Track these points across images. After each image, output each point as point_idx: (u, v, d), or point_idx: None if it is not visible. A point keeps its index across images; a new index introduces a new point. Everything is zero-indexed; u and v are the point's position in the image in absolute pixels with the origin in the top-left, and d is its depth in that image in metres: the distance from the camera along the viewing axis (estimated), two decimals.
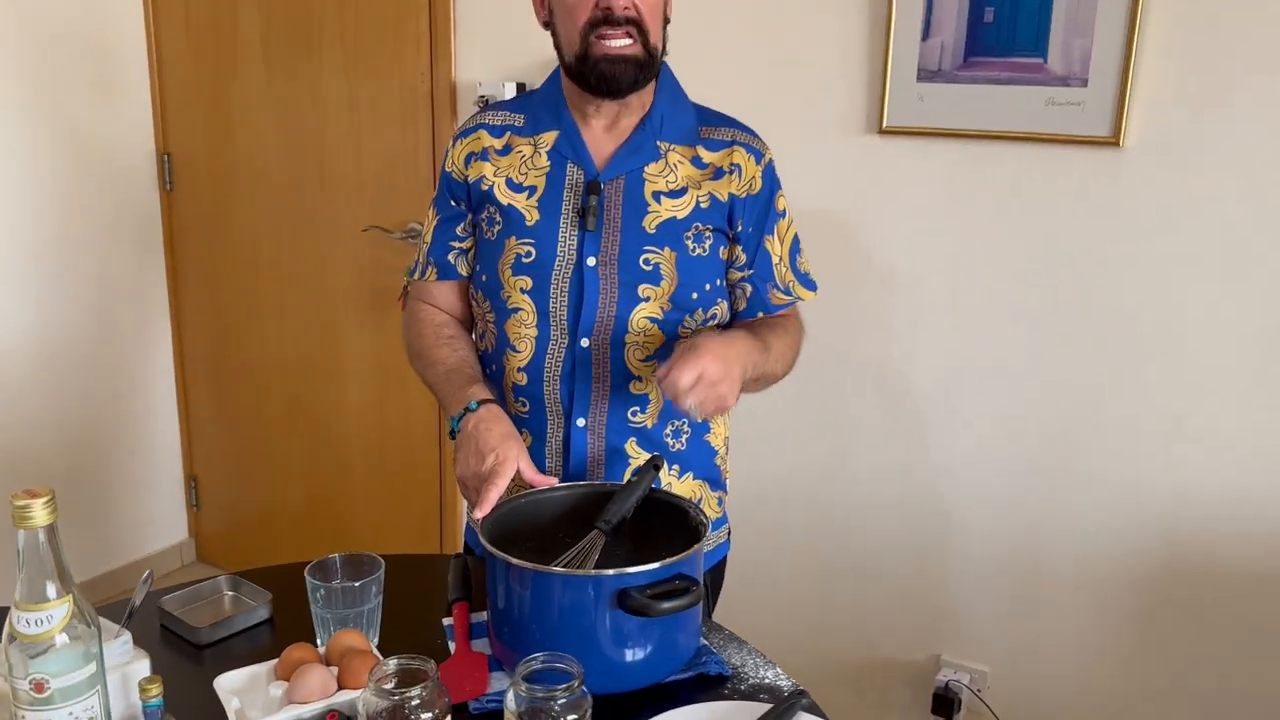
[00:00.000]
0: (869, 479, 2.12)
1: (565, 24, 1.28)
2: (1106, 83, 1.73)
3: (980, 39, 1.81)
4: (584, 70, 1.27)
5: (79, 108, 2.64)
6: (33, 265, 2.60)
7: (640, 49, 1.26)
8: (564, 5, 1.27)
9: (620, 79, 1.26)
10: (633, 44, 1.25)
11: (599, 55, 1.25)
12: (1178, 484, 1.85)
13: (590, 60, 1.26)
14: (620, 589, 1.04)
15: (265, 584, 1.28)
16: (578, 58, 1.27)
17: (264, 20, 2.58)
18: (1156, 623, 1.91)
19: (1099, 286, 1.85)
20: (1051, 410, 1.93)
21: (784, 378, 1.41)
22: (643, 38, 1.26)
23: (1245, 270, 1.74)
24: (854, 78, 1.96)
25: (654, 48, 1.28)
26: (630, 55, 1.25)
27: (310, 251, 2.68)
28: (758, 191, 1.36)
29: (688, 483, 1.42)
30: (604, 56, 1.25)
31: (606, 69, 1.26)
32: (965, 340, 1.98)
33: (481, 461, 1.24)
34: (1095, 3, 1.71)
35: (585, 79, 1.28)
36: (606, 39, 1.24)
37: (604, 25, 1.24)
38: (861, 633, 2.19)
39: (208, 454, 3.02)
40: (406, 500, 2.69)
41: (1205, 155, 1.72)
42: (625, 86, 1.28)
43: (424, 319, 1.47)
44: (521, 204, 1.35)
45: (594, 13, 1.24)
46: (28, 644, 0.83)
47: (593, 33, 1.25)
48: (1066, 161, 1.81)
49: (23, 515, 0.82)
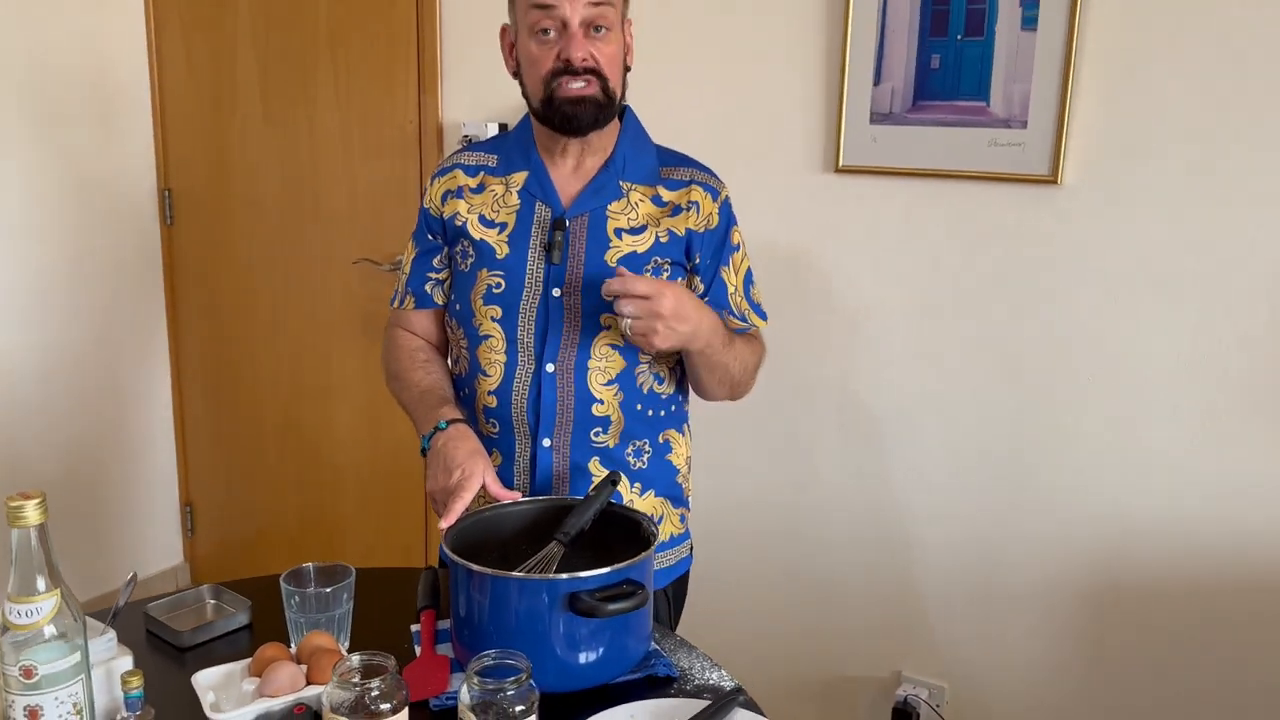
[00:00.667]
0: (830, 500, 2.19)
1: (530, 74, 1.38)
2: (1044, 125, 1.82)
3: (928, 84, 1.90)
4: (549, 113, 1.37)
5: (84, 145, 2.73)
6: (37, 297, 2.68)
7: (599, 91, 1.35)
8: (529, 57, 1.37)
9: (581, 118, 1.36)
10: (590, 86, 1.35)
11: (561, 98, 1.35)
12: (1119, 504, 1.92)
13: (554, 103, 1.36)
14: (571, 592, 1.12)
15: (246, 594, 1.36)
16: (542, 102, 1.37)
17: (261, 63, 2.70)
18: (1104, 638, 1.97)
19: (1041, 315, 1.93)
20: (1001, 434, 2.00)
21: (742, 384, 1.47)
22: (601, 83, 1.35)
23: (1175, 299, 1.82)
24: (812, 120, 2.05)
25: (612, 92, 1.37)
26: (589, 96, 1.35)
27: (304, 282, 2.78)
28: (714, 226, 1.45)
29: (649, 500, 1.50)
30: (566, 98, 1.35)
31: (568, 109, 1.35)
32: (919, 366, 2.05)
33: (449, 476, 1.32)
34: (1032, 51, 1.80)
35: (550, 120, 1.38)
36: (566, 83, 1.34)
37: (564, 75, 1.34)
38: (824, 649, 2.25)
39: (203, 480, 3.10)
40: (395, 519, 2.77)
41: (1136, 192, 1.81)
42: (586, 125, 1.37)
43: (401, 344, 1.56)
44: (493, 239, 1.44)
45: (555, 64, 1.34)
46: (18, 633, 0.92)
47: (554, 80, 1.35)
48: (1009, 198, 1.90)
49: (16, 515, 0.91)
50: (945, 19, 1.86)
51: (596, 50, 1.34)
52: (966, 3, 1.83)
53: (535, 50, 1.35)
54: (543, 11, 1.33)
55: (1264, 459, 1.79)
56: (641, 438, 1.48)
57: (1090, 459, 1.93)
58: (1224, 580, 1.85)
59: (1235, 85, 1.71)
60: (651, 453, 1.50)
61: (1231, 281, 1.77)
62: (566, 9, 1.31)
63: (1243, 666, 1.86)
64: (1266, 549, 1.81)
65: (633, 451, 1.48)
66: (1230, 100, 1.72)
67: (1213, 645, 1.88)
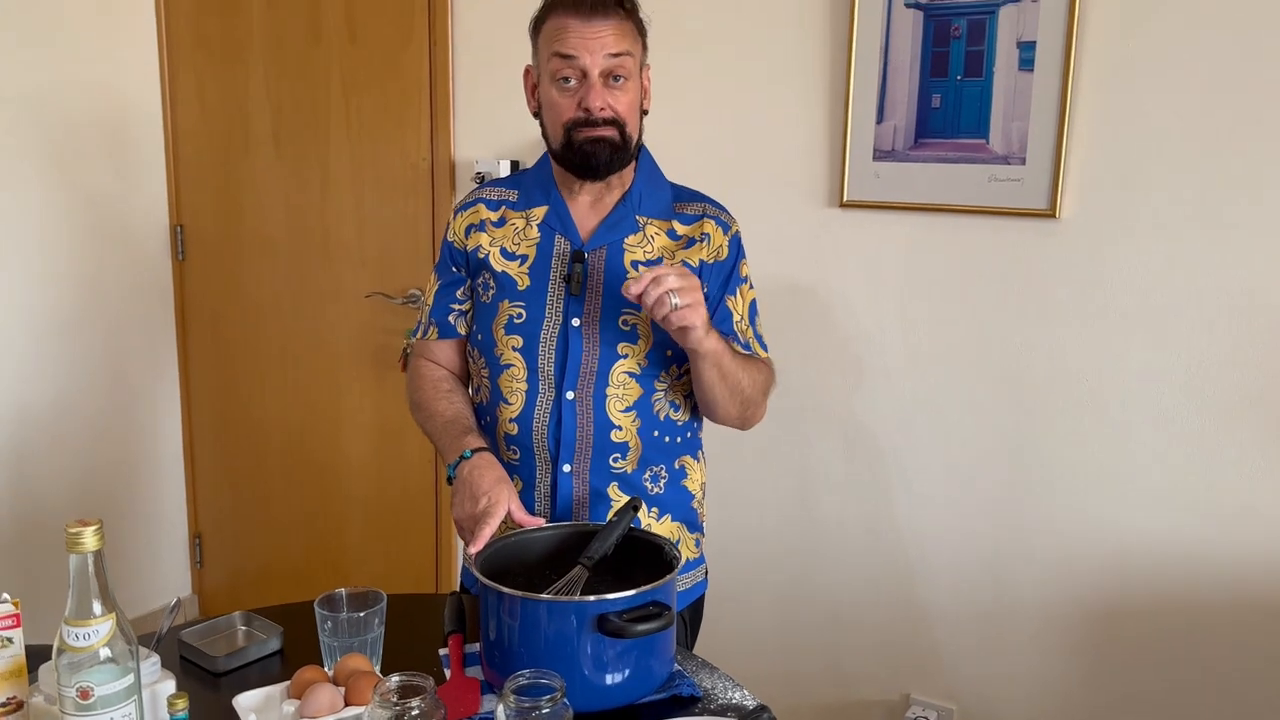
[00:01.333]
0: (837, 525, 2.23)
1: (551, 119, 1.44)
2: (1042, 161, 1.88)
3: (929, 122, 1.97)
4: (568, 155, 1.43)
5: (97, 182, 2.78)
6: (49, 330, 2.72)
7: (616, 135, 1.41)
8: (551, 103, 1.43)
9: (598, 160, 1.41)
10: (609, 130, 1.40)
11: (580, 140, 1.40)
12: (1119, 524, 1.96)
13: (573, 146, 1.41)
14: (600, 614, 1.15)
15: (274, 620, 1.39)
16: (562, 146, 1.43)
17: (274, 104, 2.76)
18: (1109, 657, 2.00)
19: (1041, 343, 1.98)
20: (1002, 458, 2.05)
21: (753, 403, 1.49)
22: (619, 129, 1.41)
23: (1168, 327, 1.87)
24: (817, 157, 2.12)
25: (629, 137, 1.43)
26: (607, 138, 1.40)
27: (314, 316, 2.82)
28: (724, 259, 1.50)
29: (666, 524, 1.54)
30: (585, 139, 1.40)
31: (588, 148, 1.40)
32: (922, 394, 2.10)
33: (475, 504, 1.36)
34: (1030, 91, 1.87)
35: (568, 162, 1.44)
36: (586, 131, 1.40)
37: (584, 125, 1.39)
38: (834, 672, 2.27)
39: (212, 512, 3.12)
40: (404, 550, 2.79)
41: (1131, 224, 1.87)
42: (602, 167, 1.42)
43: (425, 374, 1.60)
44: (514, 271, 1.49)
45: (576, 112, 1.40)
46: (75, 655, 0.95)
47: (574, 128, 1.40)
48: (1008, 232, 1.96)
49: (75, 541, 0.94)
50: (945, 60, 1.93)
51: (614, 99, 1.40)
52: (966, 45, 1.91)
53: (556, 97, 1.41)
54: (564, 61, 1.38)
55: (1255, 479, 1.84)
56: (658, 463, 1.52)
57: (1090, 481, 1.98)
58: (1222, 598, 1.89)
59: (1224, 121, 1.77)
60: (668, 478, 1.54)
61: (1222, 308, 1.83)
62: (587, 60, 1.37)
63: (1243, 683, 1.90)
64: (1261, 567, 1.85)
65: (650, 477, 1.52)
66: (1219, 136, 1.78)
67: (1214, 662, 1.92)
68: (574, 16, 1.37)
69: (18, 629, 1.07)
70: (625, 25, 1.40)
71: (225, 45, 2.79)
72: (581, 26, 1.37)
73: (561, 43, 1.38)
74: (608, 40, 1.37)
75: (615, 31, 1.38)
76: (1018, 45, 1.87)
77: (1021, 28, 1.86)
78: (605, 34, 1.37)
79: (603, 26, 1.37)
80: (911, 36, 1.95)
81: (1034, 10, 1.84)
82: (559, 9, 1.39)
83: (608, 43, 1.37)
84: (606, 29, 1.37)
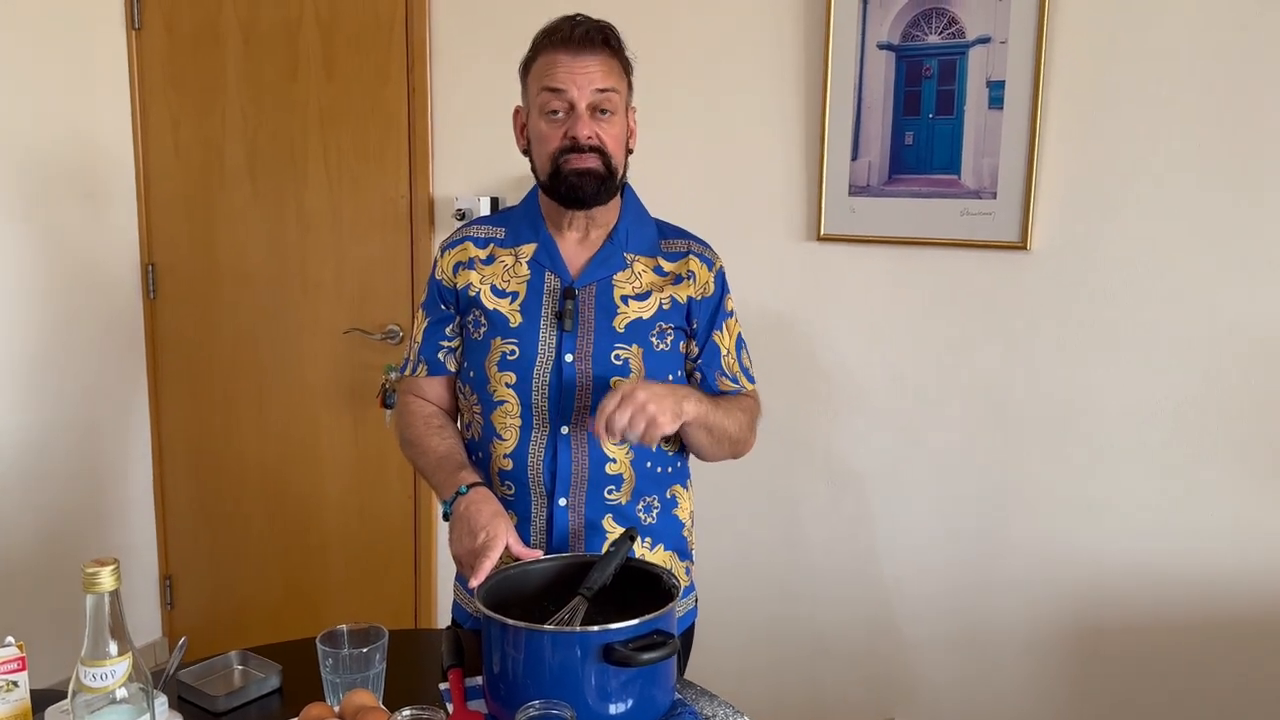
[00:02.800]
0: (820, 553, 2.26)
1: (539, 151, 1.48)
2: (1013, 196, 1.95)
3: (902, 159, 2.03)
4: (556, 185, 1.46)
5: (68, 222, 2.76)
6: (20, 370, 2.68)
7: (602, 166, 1.45)
8: (539, 135, 1.47)
9: (585, 189, 1.45)
10: (595, 161, 1.44)
11: (568, 170, 1.44)
12: (1094, 549, 2.01)
13: (561, 176, 1.45)
14: (605, 644, 1.17)
15: (269, 657, 1.38)
16: (549, 176, 1.47)
17: (250, 142, 2.76)
18: (1086, 679, 2.05)
19: (1015, 372, 2.04)
20: (982, 487, 2.09)
21: (741, 440, 1.54)
22: (604, 159, 1.45)
23: (1137, 355, 1.93)
24: (794, 192, 2.17)
25: (615, 168, 1.47)
26: (593, 169, 1.44)
27: (291, 353, 2.81)
28: (710, 294, 1.54)
29: (659, 554, 1.56)
30: (572, 171, 1.44)
31: (574, 180, 1.44)
32: (899, 423, 2.15)
33: (474, 539, 1.37)
34: (999, 129, 1.94)
35: (556, 191, 1.47)
36: (573, 160, 1.44)
37: (571, 152, 1.44)
38: (819, 697, 2.30)
39: (184, 553, 3.08)
40: (382, 587, 2.78)
41: (1099, 256, 1.94)
42: (589, 197, 1.46)
43: (415, 411, 1.61)
44: (505, 308, 1.51)
45: (563, 141, 1.44)
46: (91, 695, 0.95)
47: (562, 157, 1.44)
48: (980, 263, 2.02)
49: (92, 581, 0.95)
50: (918, 99, 2.00)
51: (601, 130, 1.44)
52: (937, 84, 1.98)
53: (545, 129, 1.45)
54: (553, 94, 1.43)
55: (1225, 503, 1.90)
56: (651, 494, 1.54)
57: (1065, 506, 2.03)
58: (1197, 619, 1.94)
59: (1189, 158, 1.85)
60: (660, 508, 1.56)
61: (1189, 338, 1.89)
62: (575, 93, 1.42)
63: (1219, 701, 1.95)
64: (1236, 589, 1.91)
65: (643, 507, 1.54)
66: (1184, 172, 1.86)
67: (1191, 681, 1.96)
68: (563, 52, 1.42)
69: (23, 672, 1.06)
70: (612, 63, 1.45)
71: (200, 83, 2.80)
72: (570, 61, 1.42)
73: (550, 77, 1.42)
74: (595, 75, 1.42)
75: (602, 68, 1.43)
76: (987, 84, 1.94)
77: (991, 68, 1.93)
78: (593, 69, 1.42)
79: (590, 62, 1.42)
80: (884, 77, 2.02)
81: (1002, 51, 1.92)
82: (548, 47, 1.44)
83: (595, 78, 1.42)
84: (594, 64, 1.42)
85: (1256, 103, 1.79)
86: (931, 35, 1.97)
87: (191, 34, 2.78)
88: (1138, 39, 1.86)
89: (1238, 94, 1.80)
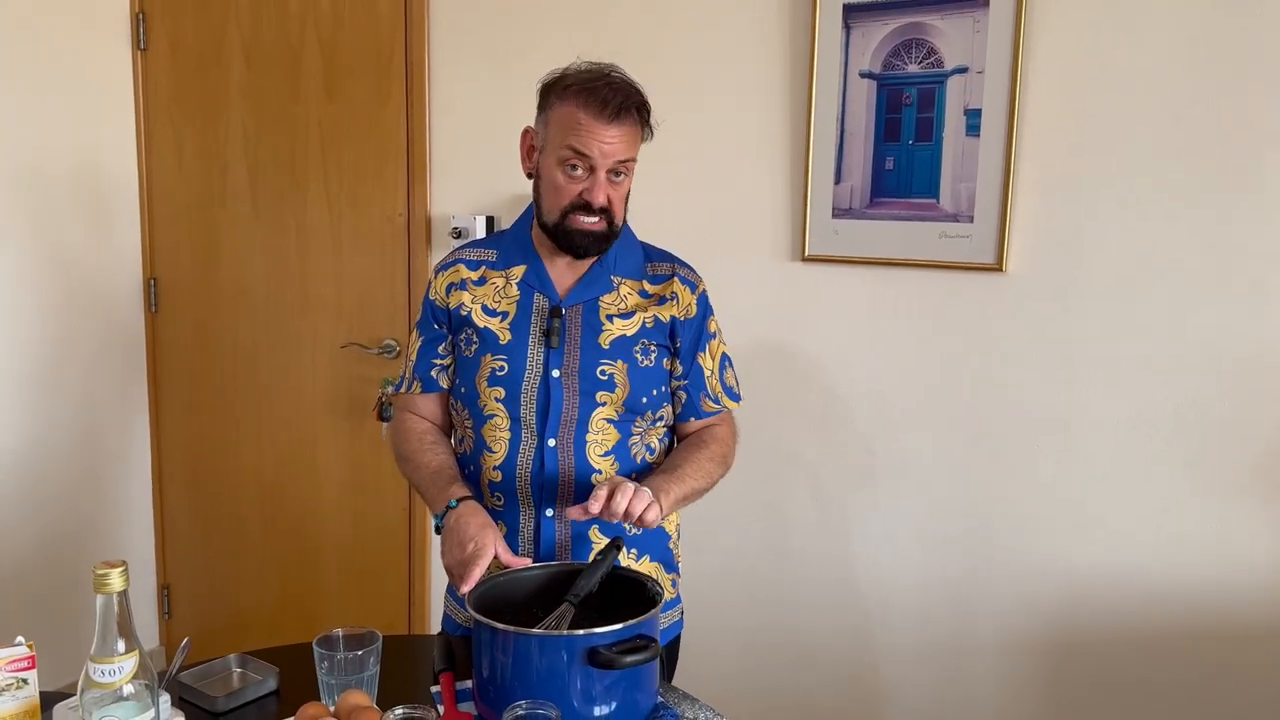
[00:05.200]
0: (805, 565, 2.30)
1: (549, 196, 1.51)
2: (989, 219, 2.00)
3: (883, 183, 2.09)
4: (557, 235, 1.51)
5: (72, 236, 2.81)
6: (23, 380, 2.73)
7: (605, 227, 1.50)
8: (552, 183, 1.50)
9: (586, 249, 1.51)
10: (600, 223, 1.50)
11: (573, 228, 1.49)
12: (1072, 563, 2.05)
13: (564, 230, 1.50)
14: (590, 647, 1.21)
15: (267, 661, 1.43)
16: (554, 225, 1.51)
17: (252, 160, 2.82)
18: (1064, 689, 2.09)
19: (993, 390, 2.08)
20: (964, 502, 2.14)
21: (718, 482, 1.60)
22: (609, 219, 1.50)
23: (1111, 375, 1.98)
24: (780, 215, 2.23)
25: (617, 227, 1.53)
26: (598, 231, 1.50)
27: (289, 366, 2.86)
28: (693, 316, 1.60)
29: (645, 565, 1.61)
30: (577, 230, 1.49)
31: (578, 240, 1.50)
32: (881, 438, 2.19)
33: (463, 550, 1.41)
34: (976, 155, 2.00)
35: (557, 239, 1.52)
36: (580, 218, 1.49)
37: (581, 211, 1.48)
38: (804, 707, 2.33)
39: (181, 563, 3.12)
40: (377, 597, 2.82)
41: (1073, 279, 1.99)
42: (586, 252, 1.52)
43: (409, 427, 1.66)
44: (496, 326, 1.57)
45: (576, 199, 1.48)
46: (99, 691, 1.00)
47: (571, 212, 1.49)
48: (959, 284, 2.08)
49: (102, 582, 1.00)
50: (898, 126, 2.07)
51: (613, 193, 1.49)
52: (916, 112, 2.04)
53: (561, 180, 1.49)
54: (576, 155, 1.46)
55: (1201, 518, 1.94)
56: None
57: (1043, 521, 2.07)
58: (1175, 631, 1.98)
59: (1160, 181, 1.91)
60: None
61: (1164, 356, 1.94)
62: (598, 160, 1.46)
63: (1197, 713, 1.99)
64: (1212, 602, 1.95)
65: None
66: (1156, 194, 1.91)
67: (1168, 692, 2.00)
68: (597, 120, 1.44)
69: (33, 670, 1.11)
70: (637, 130, 1.49)
71: (203, 102, 2.86)
72: (600, 130, 1.44)
73: (577, 138, 1.45)
74: (619, 147, 1.46)
75: (627, 138, 1.47)
76: (965, 112, 2.00)
77: (968, 96, 2.00)
78: (619, 141, 1.46)
79: (619, 133, 1.46)
80: (866, 104, 2.09)
81: (979, 80, 1.98)
82: (582, 105, 1.44)
83: (619, 149, 1.46)
84: (621, 136, 1.46)
85: (1229, 126, 1.85)
86: (911, 65, 2.04)
87: (196, 54, 2.85)
88: (1110, 69, 1.92)
89: (1209, 118, 1.86)
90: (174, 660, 1.25)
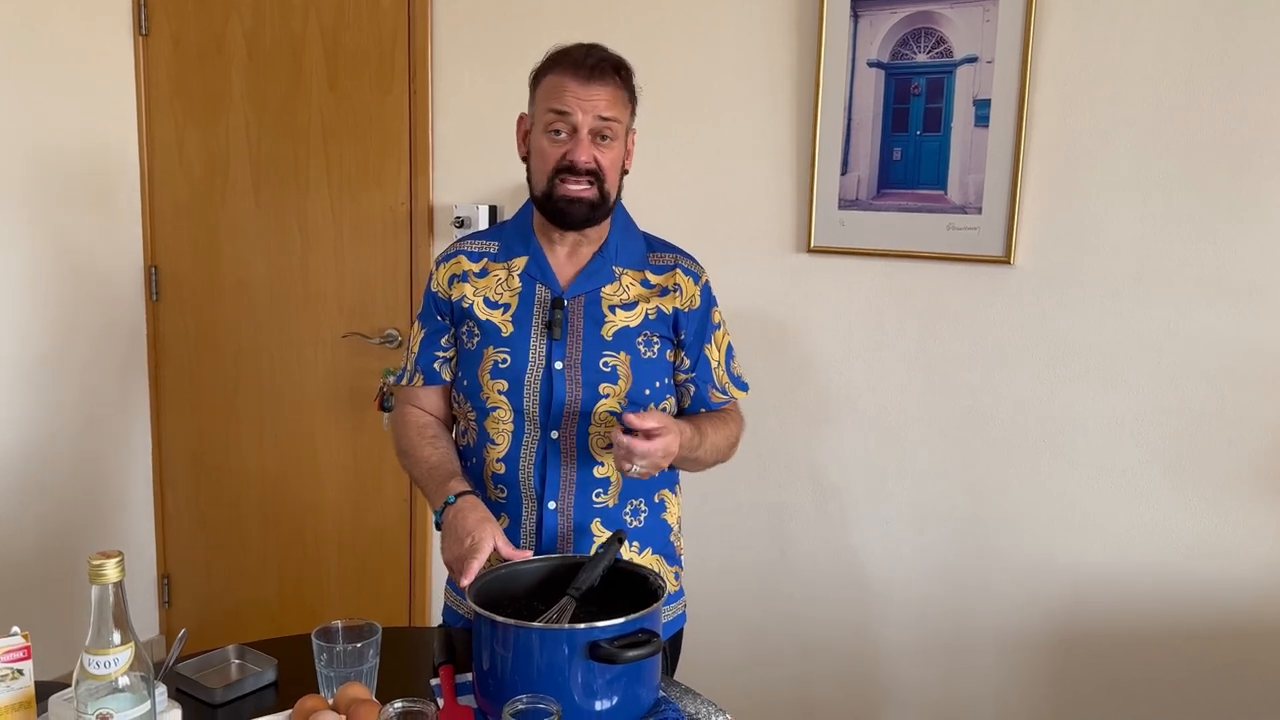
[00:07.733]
0: (808, 560, 2.29)
1: (537, 166, 1.52)
2: (997, 211, 1.98)
3: (890, 174, 2.07)
4: (547, 205, 1.52)
5: (71, 223, 2.79)
6: (23, 368, 2.72)
7: (595, 193, 1.49)
8: (539, 151, 1.51)
9: (575, 215, 1.50)
10: (589, 189, 1.49)
11: (560, 195, 1.49)
12: (1069, 559, 2.04)
13: (553, 198, 1.50)
14: (591, 641, 1.20)
15: (266, 652, 1.42)
16: (543, 194, 1.51)
17: (254, 149, 2.81)
18: (1065, 685, 2.08)
19: (997, 384, 2.07)
20: (965, 497, 2.13)
21: (720, 462, 1.60)
22: (599, 184, 1.49)
23: (1113, 372, 1.97)
24: (786, 206, 2.21)
25: (608, 193, 1.51)
26: (585, 197, 1.49)
27: (291, 357, 2.85)
28: (697, 307, 1.59)
29: (646, 557, 1.60)
30: (564, 196, 1.49)
31: (565, 206, 1.49)
32: (887, 433, 2.18)
33: (461, 545, 1.40)
34: (985, 146, 1.98)
35: (547, 211, 1.53)
36: (568, 183, 1.49)
37: (568, 173, 1.48)
38: (804, 702, 2.33)
39: (182, 553, 3.12)
40: (378, 590, 2.81)
41: (1081, 273, 1.97)
42: (579, 222, 1.51)
43: (410, 420, 1.65)
44: (498, 319, 1.56)
45: (561, 162, 1.48)
46: (95, 683, 0.99)
47: (557, 177, 1.49)
48: (966, 277, 2.06)
49: (98, 573, 0.99)
50: (906, 117, 2.04)
51: (600, 154, 1.49)
52: (925, 102, 2.02)
53: (546, 146, 1.50)
54: (558, 116, 1.47)
55: (1202, 518, 1.93)
56: (638, 497, 1.59)
57: (1044, 518, 2.06)
58: (1173, 628, 1.97)
59: (1170, 176, 1.89)
60: (648, 512, 1.60)
61: (1170, 354, 1.93)
62: (579, 117, 1.46)
63: (1193, 711, 1.98)
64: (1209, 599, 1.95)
65: (630, 511, 1.58)
66: (1164, 190, 1.90)
67: (1166, 688, 2.00)
68: (573, 79, 1.46)
69: (28, 661, 1.10)
70: (619, 93, 1.50)
71: (205, 92, 2.84)
72: (579, 88, 1.46)
73: (558, 100, 1.47)
74: (600, 104, 1.47)
75: (609, 97, 1.48)
76: (974, 103, 1.98)
77: (977, 86, 1.98)
78: (599, 98, 1.47)
79: (599, 91, 1.47)
80: (874, 94, 2.06)
81: (989, 70, 1.96)
82: (561, 69, 1.48)
83: (600, 106, 1.47)
84: (602, 94, 1.47)
85: (1238, 122, 1.83)
86: (920, 54, 2.02)
87: (197, 45, 2.83)
88: (1120, 59, 1.90)
89: (1219, 113, 1.84)
90: (171, 651, 1.24)
